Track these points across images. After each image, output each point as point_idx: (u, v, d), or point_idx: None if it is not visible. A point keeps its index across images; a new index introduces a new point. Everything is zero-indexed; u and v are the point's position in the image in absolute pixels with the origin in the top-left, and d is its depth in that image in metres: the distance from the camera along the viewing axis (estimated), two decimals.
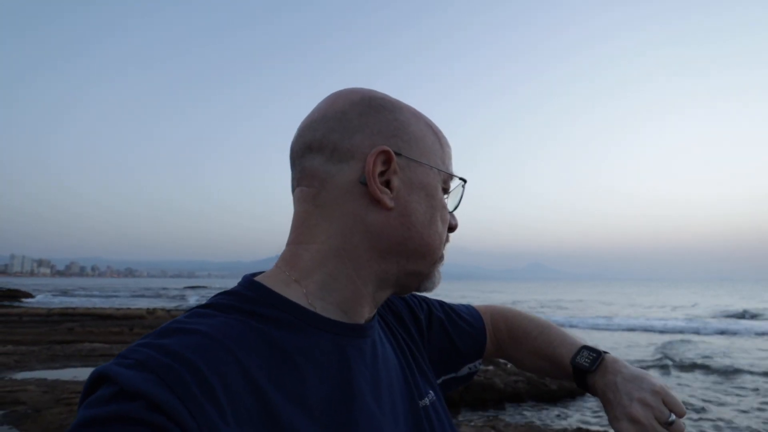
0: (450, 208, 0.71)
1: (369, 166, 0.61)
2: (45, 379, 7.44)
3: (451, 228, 0.71)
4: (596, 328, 19.75)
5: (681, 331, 17.82)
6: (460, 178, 0.71)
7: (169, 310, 18.06)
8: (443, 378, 0.86)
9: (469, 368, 0.90)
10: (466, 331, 0.88)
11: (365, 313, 0.65)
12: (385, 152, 0.62)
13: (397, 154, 0.63)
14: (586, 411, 7.07)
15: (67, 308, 19.36)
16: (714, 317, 24.09)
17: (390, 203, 0.62)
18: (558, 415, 6.88)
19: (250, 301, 0.59)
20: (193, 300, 37.62)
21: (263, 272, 0.66)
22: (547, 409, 7.14)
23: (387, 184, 0.62)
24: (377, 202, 0.61)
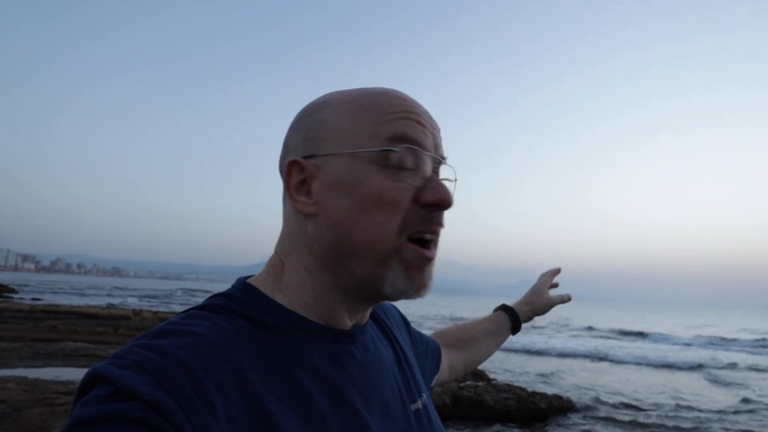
0: (417, 180, 0.60)
1: (285, 180, 0.64)
2: (25, 378, 7.24)
3: (427, 203, 0.60)
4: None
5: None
6: (388, 150, 0.59)
7: (155, 312, 17.75)
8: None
9: (435, 379, 0.95)
10: (430, 345, 0.95)
11: (346, 321, 0.65)
12: (292, 163, 0.63)
13: (312, 156, 0.62)
14: (575, 429, 7.03)
15: (50, 305, 19.00)
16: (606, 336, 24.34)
17: (310, 209, 0.61)
18: None
19: (243, 303, 0.60)
20: (178, 302, 37.09)
21: (255, 275, 0.67)
22: (535, 427, 7.08)
23: (310, 192, 0.62)
24: (303, 213, 0.62)
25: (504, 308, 1.17)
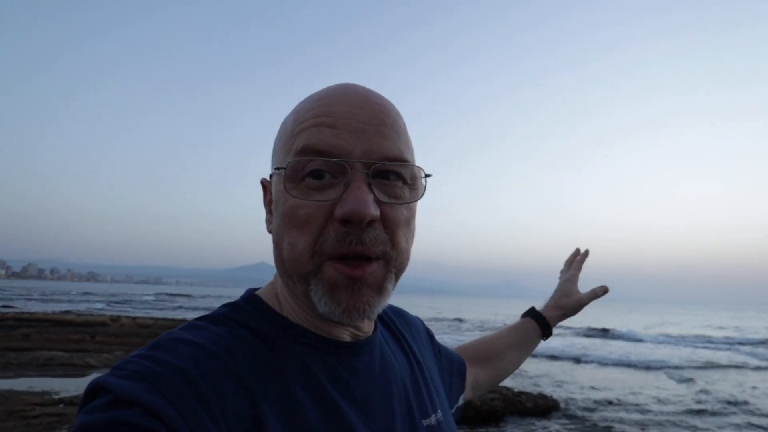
0: (336, 192, 0.55)
1: (263, 198, 0.67)
2: None
3: (339, 218, 0.54)
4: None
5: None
6: (281, 167, 0.57)
7: (134, 318, 17.30)
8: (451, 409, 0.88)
9: (462, 398, 0.93)
10: (455, 361, 0.92)
11: (340, 333, 0.63)
12: (262, 182, 0.67)
13: (271, 176, 0.63)
14: (560, 428, 7.11)
15: (23, 313, 18.34)
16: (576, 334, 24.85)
17: (268, 227, 0.63)
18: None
19: (245, 313, 0.62)
20: (154, 308, 36.27)
21: (263, 286, 0.68)
22: (522, 425, 7.15)
23: None
24: (268, 231, 0.64)
25: (532, 314, 1.07)
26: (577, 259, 1.13)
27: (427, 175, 0.61)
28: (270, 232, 0.62)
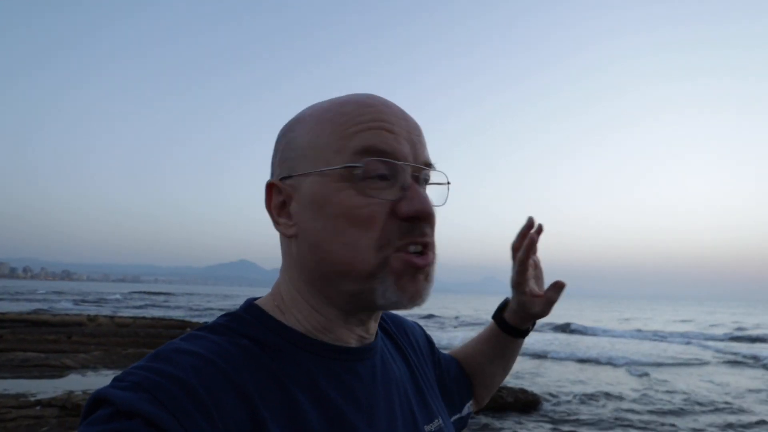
0: (393, 193, 0.59)
1: (266, 204, 0.64)
2: None
3: (404, 215, 0.58)
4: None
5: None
6: (351, 166, 0.58)
7: (112, 317, 16.99)
8: (452, 418, 0.86)
9: (468, 407, 0.90)
10: (456, 369, 0.90)
11: (348, 338, 0.64)
12: (271, 185, 0.64)
13: (288, 177, 0.62)
14: (538, 422, 7.30)
15: None
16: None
17: (289, 231, 0.62)
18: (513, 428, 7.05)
19: (246, 323, 0.61)
20: (124, 306, 35.66)
21: (263, 296, 0.68)
22: (502, 419, 7.30)
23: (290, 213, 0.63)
24: (286, 236, 0.63)
25: (499, 322, 0.91)
26: (519, 255, 0.85)
27: (448, 183, 0.66)
28: (291, 235, 0.61)
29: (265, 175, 0.68)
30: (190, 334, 0.59)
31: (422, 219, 0.59)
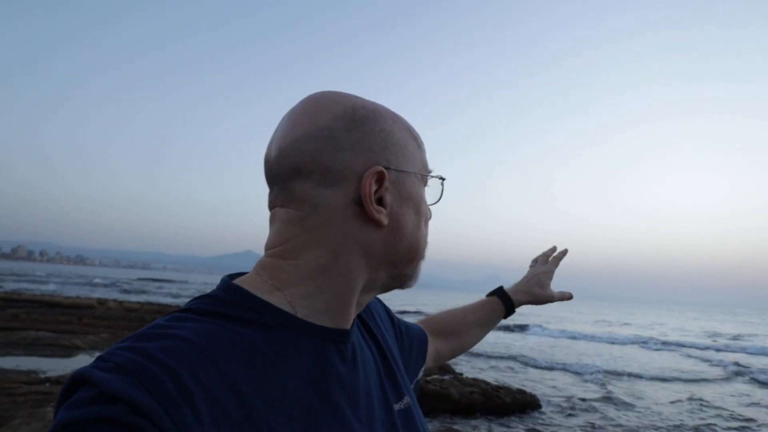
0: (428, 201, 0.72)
1: (365, 189, 0.60)
2: None
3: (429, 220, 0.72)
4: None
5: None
6: (440, 178, 0.72)
7: (121, 302, 17.31)
8: (411, 384, 0.90)
9: (422, 371, 0.97)
10: (416, 340, 0.95)
11: (350, 319, 0.65)
12: (378, 172, 0.61)
13: (387, 169, 0.63)
14: (536, 423, 7.31)
15: (11, 293, 18.26)
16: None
17: (385, 221, 0.62)
18: (511, 427, 7.04)
19: (230, 305, 0.59)
20: (143, 290, 36.15)
21: (241, 275, 0.65)
22: (500, 420, 7.30)
23: (380, 201, 0.62)
24: (372, 222, 0.62)
25: (500, 294, 1.13)
26: (555, 255, 1.17)
27: (442, 180, 0.77)
28: (384, 224, 0.64)
29: None
30: (175, 315, 0.57)
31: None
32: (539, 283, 1.14)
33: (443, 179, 0.72)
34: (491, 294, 1.14)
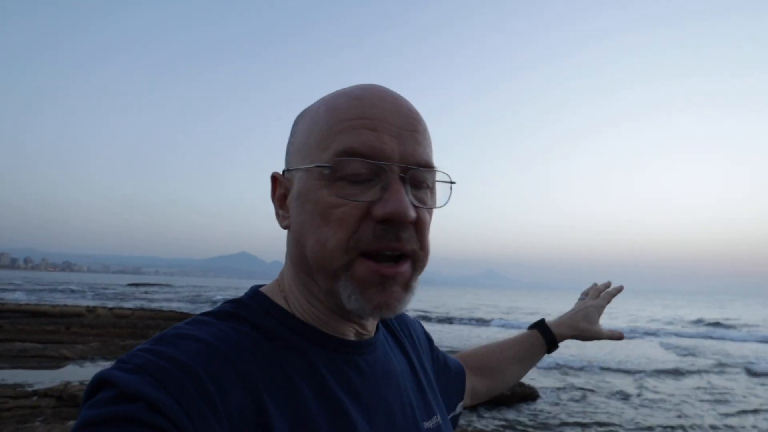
0: (372, 194, 0.57)
1: (271, 193, 0.66)
2: None
3: (378, 217, 0.56)
4: None
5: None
6: (324, 166, 0.57)
7: (111, 309, 16.97)
8: (449, 416, 0.87)
9: (460, 406, 0.92)
10: (454, 374, 0.91)
11: (347, 331, 0.64)
12: (273, 177, 0.65)
13: (287, 171, 0.64)
14: (537, 415, 7.29)
15: None
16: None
17: (285, 222, 0.64)
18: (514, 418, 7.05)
19: (250, 309, 0.61)
20: (134, 296, 35.71)
21: (268, 283, 0.68)
22: (498, 413, 7.29)
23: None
24: (282, 226, 0.65)
25: (540, 327, 1.04)
26: (608, 291, 1.10)
27: (451, 182, 0.64)
28: (285, 227, 0.64)
29: (266, 166, 0.65)
30: (195, 318, 0.59)
31: (397, 222, 0.56)
32: (586, 317, 1.05)
33: (327, 167, 0.57)
34: (532, 327, 1.05)
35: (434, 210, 0.63)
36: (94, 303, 22.32)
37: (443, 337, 17.25)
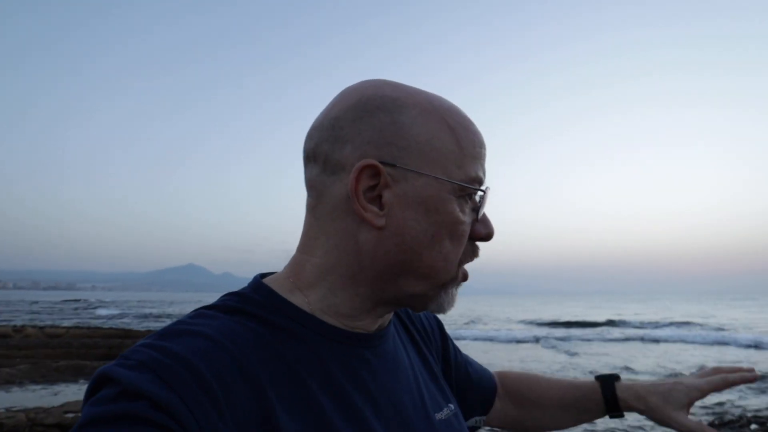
0: (474, 215, 0.63)
1: (351, 182, 0.56)
2: None
3: (480, 237, 0.63)
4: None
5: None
6: (479, 189, 0.62)
7: (41, 328, 15.69)
8: None
9: (475, 420, 0.87)
10: (477, 383, 0.87)
11: (368, 325, 0.63)
12: (370, 166, 0.57)
13: (391, 165, 0.57)
14: None
15: None
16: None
17: (378, 222, 0.57)
18: None
19: (256, 304, 0.59)
20: (67, 314, 33.18)
21: (273, 273, 0.66)
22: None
23: (380, 199, 0.58)
24: (366, 221, 0.57)
25: (605, 382, 0.86)
26: (732, 377, 0.81)
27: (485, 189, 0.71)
28: (379, 226, 0.57)
29: (219, 173, 0.68)
30: (198, 312, 0.58)
31: (488, 240, 0.65)
32: (669, 396, 0.82)
33: (483, 191, 0.62)
34: (599, 378, 0.88)
35: None
36: (22, 322, 20.53)
37: None
